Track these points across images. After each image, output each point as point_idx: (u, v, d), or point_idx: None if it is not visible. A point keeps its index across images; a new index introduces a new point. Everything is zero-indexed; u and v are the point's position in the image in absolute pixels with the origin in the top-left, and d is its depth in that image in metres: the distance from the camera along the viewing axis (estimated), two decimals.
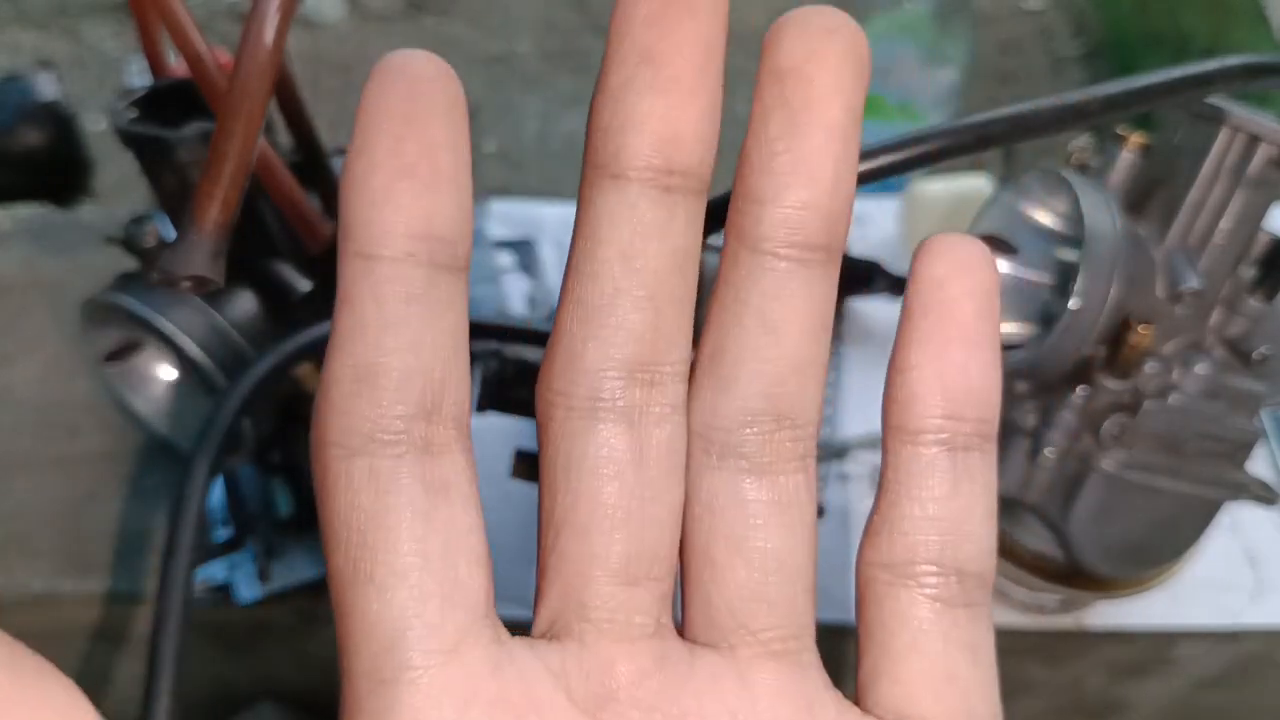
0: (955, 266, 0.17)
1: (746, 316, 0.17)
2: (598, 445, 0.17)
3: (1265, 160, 0.41)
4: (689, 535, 0.18)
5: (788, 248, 0.17)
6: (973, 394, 0.17)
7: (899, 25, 0.87)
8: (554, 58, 1.51)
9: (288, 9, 0.22)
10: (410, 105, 0.16)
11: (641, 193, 0.17)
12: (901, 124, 0.89)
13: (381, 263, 0.16)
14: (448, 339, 0.17)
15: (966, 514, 0.18)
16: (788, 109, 0.16)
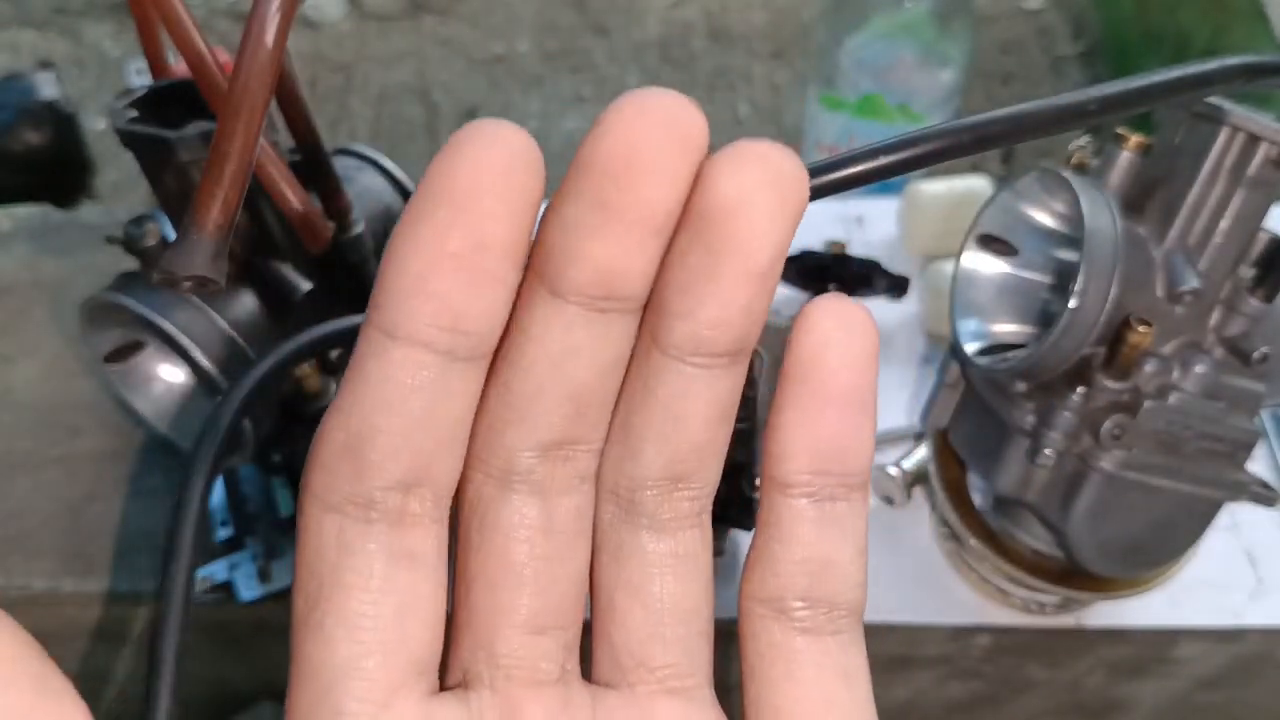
0: (833, 335, 0.18)
1: (653, 405, 0.18)
2: (510, 512, 0.18)
3: (1265, 160, 0.41)
4: (596, 584, 0.20)
5: (695, 356, 0.17)
6: (841, 453, 0.18)
7: (899, 25, 0.87)
8: (554, 58, 1.51)
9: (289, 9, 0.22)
10: (471, 187, 0.15)
11: (578, 314, 0.17)
12: (901, 124, 0.89)
13: (398, 345, 0.16)
14: (446, 426, 0.17)
15: (833, 555, 0.19)
16: (711, 251, 0.16)
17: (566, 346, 0.17)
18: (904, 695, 0.62)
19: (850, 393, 0.18)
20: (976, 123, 0.24)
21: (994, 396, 0.46)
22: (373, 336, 0.16)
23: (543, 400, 0.17)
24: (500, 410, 0.18)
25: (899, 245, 0.69)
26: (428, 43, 1.53)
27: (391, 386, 0.16)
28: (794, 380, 0.18)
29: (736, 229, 0.16)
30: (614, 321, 0.17)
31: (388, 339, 0.16)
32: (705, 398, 0.18)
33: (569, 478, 0.18)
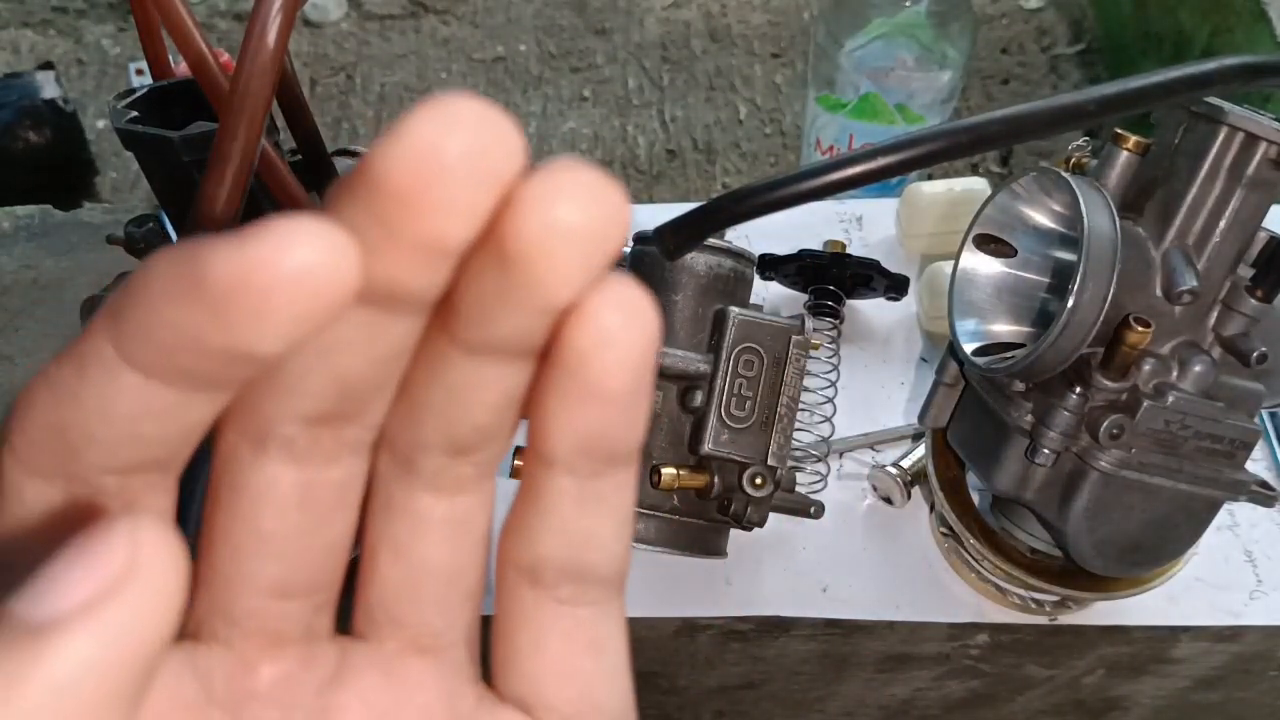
0: (615, 332, 0.16)
1: (438, 387, 0.17)
2: (262, 478, 0.17)
3: (1263, 160, 0.41)
4: (365, 531, 0.19)
5: (487, 354, 0.16)
6: (608, 439, 0.17)
7: (898, 26, 0.87)
8: (554, 58, 1.51)
9: (290, 10, 0.22)
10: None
11: (351, 310, 0.15)
12: (900, 124, 0.90)
13: (138, 363, 0.14)
14: (180, 435, 0.15)
15: (593, 530, 0.18)
16: (507, 280, 0.15)
17: (336, 340, 0.15)
18: (903, 693, 0.62)
19: (624, 393, 0.16)
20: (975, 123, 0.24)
21: (992, 396, 0.46)
22: (103, 346, 0.14)
23: (309, 381, 0.16)
24: (260, 384, 0.16)
25: (898, 245, 0.69)
26: (428, 43, 1.53)
27: (115, 406, 0.14)
28: (564, 368, 0.16)
29: (536, 270, 0.14)
30: (398, 320, 0.15)
31: (119, 360, 0.14)
32: (495, 389, 0.17)
33: (335, 448, 0.17)
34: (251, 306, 0.13)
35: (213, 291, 0.13)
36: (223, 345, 0.13)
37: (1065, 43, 1.52)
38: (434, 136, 0.13)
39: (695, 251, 0.48)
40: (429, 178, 0.13)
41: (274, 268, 0.13)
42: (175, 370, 0.14)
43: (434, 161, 0.13)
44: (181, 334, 0.13)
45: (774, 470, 0.47)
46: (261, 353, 0.13)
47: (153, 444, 0.15)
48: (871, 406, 0.62)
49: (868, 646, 0.57)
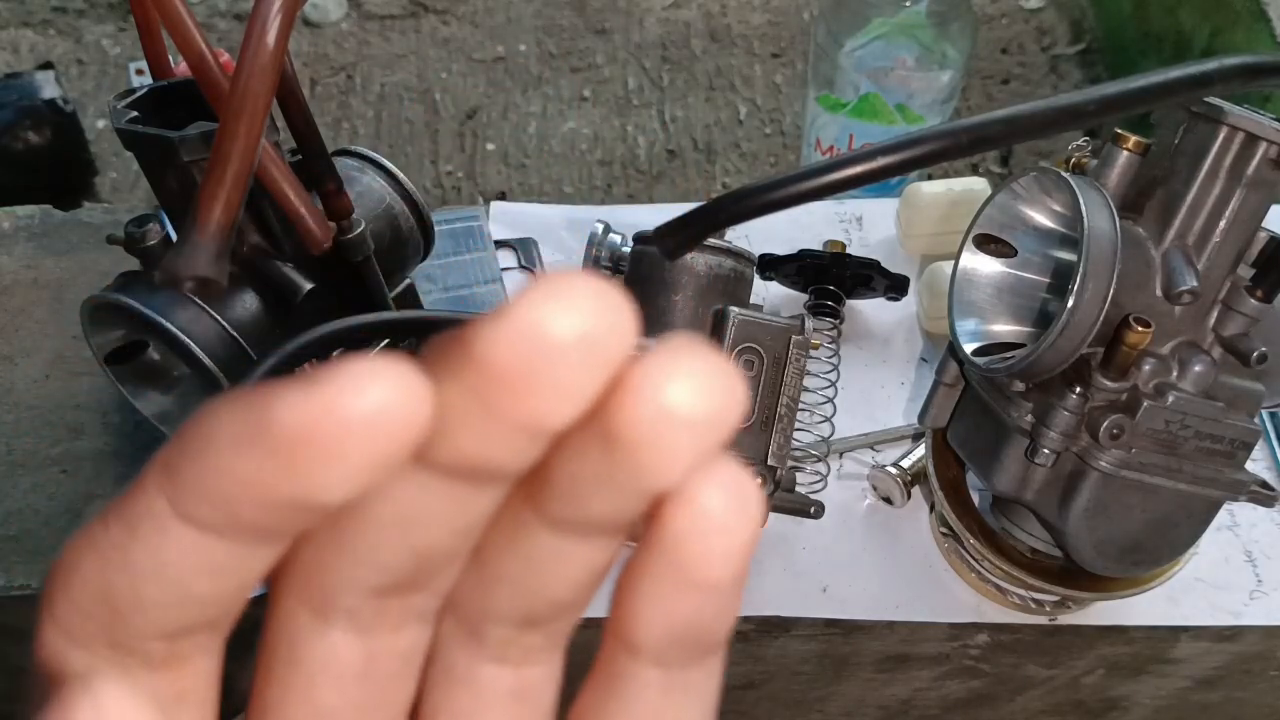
0: (721, 520, 0.15)
1: (517, 558, 0.16)
2: (324, 649, 0.16)
3: (1263, 160, 0.41)
4: (424, 696, 0.18)
5: (574, 533, 0.15)
6: (700, 629, 0.16)
7: (898, 26, 0.87)
8: (554, 58, 1.51)
9: (290, 10, 0.22)
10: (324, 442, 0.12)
11: (438, 483, 0.15)
12: (900, 125, 0.90)
13: (194, 519, 0.14)
14: (234, 593, 0.15)
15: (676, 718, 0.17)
16: (610, 462, 0.14)
17: (417, 512, 0.15)
18: (902, 693, 0.62)
19: (724, 584, 0.15)
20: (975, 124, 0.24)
21: (992, 396, 0.46)
22: (155, 501, 0.14)
23: (382, 552, 0.15)
24: (328, 550, 0.15)
25: (897, 245, 0.69)
26: (428, 43, 1.53)
27: (169, 565, 0.14)
28: (663, 553, 0.15)
29: (644, 458, 0.13)
30: (484, 493, 0.15)
31: (173, 516, 0.14)
32: (578, 564, 0.16)
33: (401, 617, 0.16)
34: (321, 453, 0.12)
35: (280, 438, 0.12)
36: (289, 495, 0.13)
37: (1065, 43, 1.52)
38: (544, 318, 0.12)
39: (695, 251, 0.48)
40: (536, 360, 0.13)
41: (345, 411, 0.12)
42: (235, 524, 0.13)
43: (542, 344, 0.12)
44: (245, 485, 0.13)
45: (774, 470, 0.47)
46: (329, 502, 0.13)
47: (205, 604, 0.14)
48: (871, 406, 0.62)
49: (868, 646, 0.57)
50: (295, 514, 0.13)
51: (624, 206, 0.72)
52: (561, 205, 0.72)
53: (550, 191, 1.36)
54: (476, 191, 1.35)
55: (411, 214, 0.53)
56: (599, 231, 0.65)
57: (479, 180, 1.37)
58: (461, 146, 1.40)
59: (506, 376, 0.13)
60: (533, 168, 1.39)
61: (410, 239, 0.53)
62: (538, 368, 0.13)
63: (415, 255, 0.54)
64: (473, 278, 0.67)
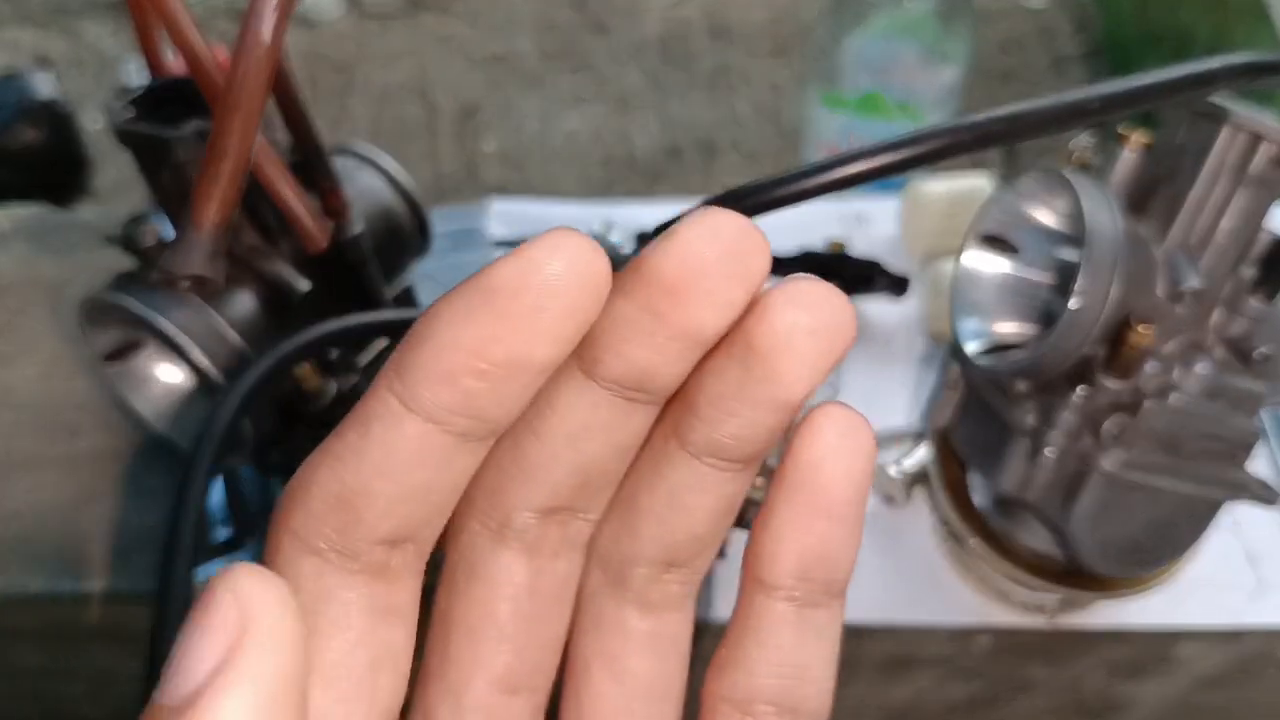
0: (837, 445, 0.17)
1: (661, 490, 0.18)
2: (500, 567, 0.18)
3: (1266, 159, 0.41)
4: (572, 650, 0.20)
5: (712, 458, 0.18)
6: (829, 562, 0.18)
7: (900, 24, 0.87)
8: (554, 58, 1.51)
9: (285, 7, 0.22)
10: (529, 301, 0.15)
11: (605, 397, 0.17)
12: (902, 123, 0.89)
13: (412, 418, 0.16)
14: (444, 494, 0.17)
15: (808, 663, 0.19)
16: (749, 376, 0.17)
17: (588, 424, 0.17)
18: (904, 696, 0.62)
19: (845, 506, 0.18)
20: (978, 121, 0.24)
21: (995, 396, 0.46)
22: (387, 399, 0.16)
23: (553, 469, 0.18)
24: (509, 469, 0.18)
25: (899, 244, 0.68)
26: (427, 42, 1.53)
27: (397, 455, 0.16)
28: (791, 485, 0.18)
29: (777, 365, 0.16)
30: (639, 409, 0.17)
31: (403, 408, 0.16)
32: (714, 494, 0.18)
33: (562, 542, 0.18)
34: (533, 307, 0.15)
35: (500, 298, 0.15)
36: (508, 354, 0.15)
37: (1068, 41, 1.51)
38: (703, 238, 0.15)
39: None
40: (697, 273, 0.15)
41: (549, 271, 0.15)
42: (456, 404, 0.15)
43: (701, 261, 0.15)
44: (469, 352, 0.15)
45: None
46: (539, 359, 0.15)
47: (424, 499, 0.17)
48: (872, 406, 0.61)
49: (869, 649, 0.56)
50: (510, 383, 0.15)
51: (624, 205, 0.72)
52: (561, 204, 0.72)
53: (550, 190, 1.36)
54: (476, 191, 1.35)
55: (410, 212, 0.53)
56: (599, 231, 0.65)
57: (478, 179, 1.37)
58: (461, 146, 1.40)
59: (673, 287, 0.15)
60: (532, 167, 1.38)
61: (408, 238, 0.53)
62: (698, 279, 0.15)
63: (413, 254, 0.54)
64: None
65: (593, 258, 0.15)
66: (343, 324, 0.40)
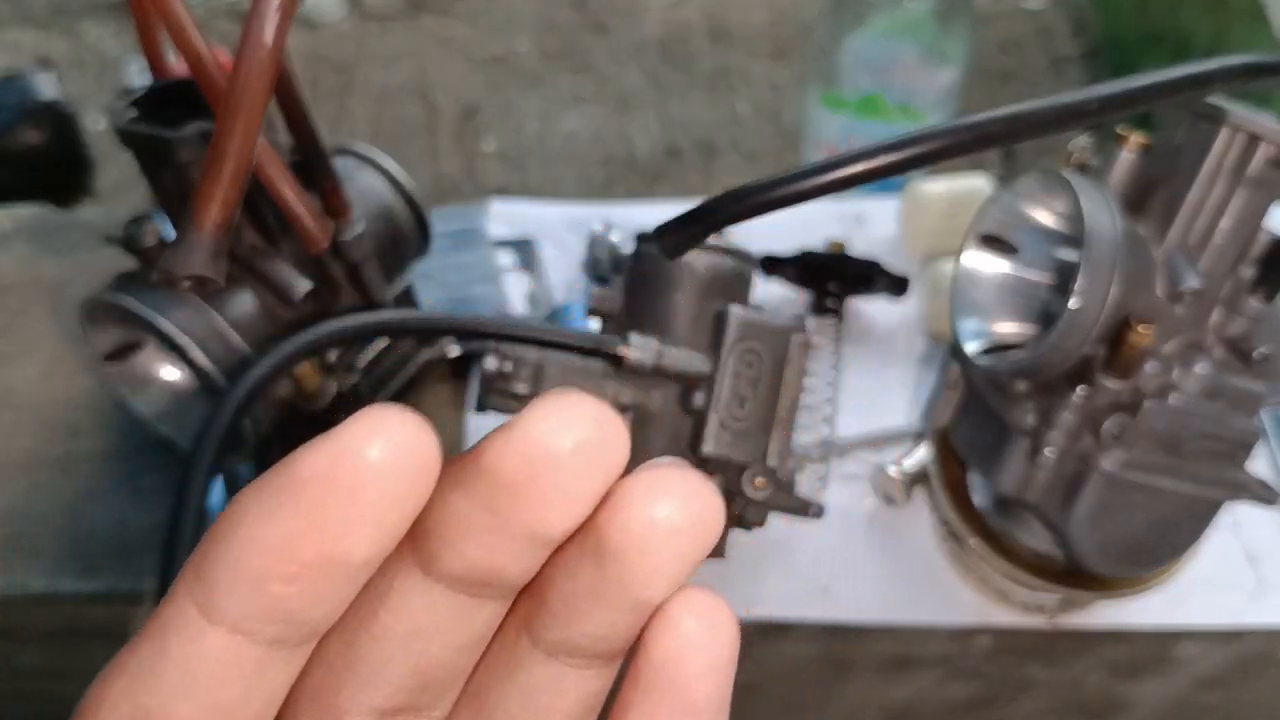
0: (695, 636, 0.16)
1: (513, 691, 0.17)
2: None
3: (1265, 160, 0.41)
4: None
5: (569, 657, 0.16)
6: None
7: (899, 25, 0.87)
8: (554, 58, 1.51)
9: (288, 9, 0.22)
10: (341, 491, 0.13)
11: (444, 595, 0.16)
12: (901, 123, 0.89)
13: (215, 631, 0.14)
14: (256, 709, 0.15)
15: None
16: (603, 576, 0.15)
17: (426, 625, 0.16)
18: (905, 695, 0.62)
19: (708, 704, 0.16)
20: (977, 122, 0.24)
21: (995, 396, 0.46)
22: (185, 608, 0.14)
23: (389, 670, 0.16)
24: (340, 669, 0.16)
25: (899, 244, 0.69)
26: (428, 43, 1.53)
27: (197, 673, 0.14)
28: (645, 685, 0.16)
29: (632, 565, 0.15)
30: (485, 604, 0.16)
31: (203, 619, 0.14)
32: (572, 694, 0.17)
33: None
34: (344, 500, 0.13)
35: (306, 490, 0.13)
36: (318, 553, 0.13)
37: (1067, 42, 1.51)
38: (550, 433, 0.14)
39: (696, 251, 0.48)
40: (543, 470, 0.14)
41: (362, 458, 0.13)
42: (263, 611, 0.14)
43: (548, 456, 0.14)
44: (275, 551, 0.13)
45: (774, 471, 0.47)
46: (355, 556, 0.14)
47: (233, 717, 0.15)
48: (872, 406, 0.61)
49: (869, 649, 0.56)
50: (324, 583, 0.14)
51: (624, 206, 0.72)
52: (561, 205, 0.72)
53: (550, 191, 1.36)
54: (476, 191, 1.35)
55: (410, 213, 0.53)
56: (599, 231, 0.65)
57: (478, 180, 1.37)
58: (461, 146, 1.40)
59: (514, 484, 0.14)
60: (532, 167, 1.38)
61: (408, 238, 0.53)
62: (543, 476, 0.14)
63: (413, 255, 0.54)
64: (472, 278, 0.67)
65: (417, 440, 0.13)
66: (343, 324, 0.40)
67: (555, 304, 0.66)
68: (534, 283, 0.67)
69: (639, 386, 0.47)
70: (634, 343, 0.46)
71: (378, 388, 0.52)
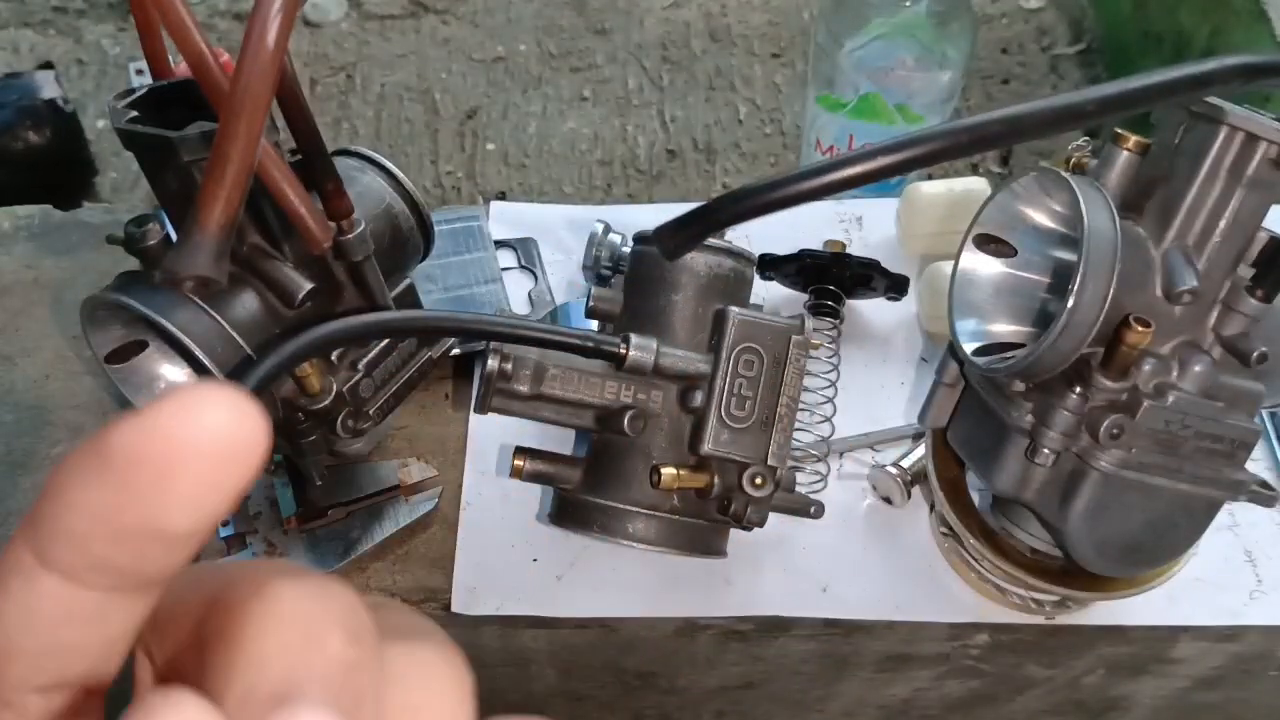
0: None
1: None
2: None
3: (1263, 160, 0.41)
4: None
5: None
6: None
7: (898, 26, 0.87)
8: (554, 58, 1.51)
9: (290, 10, 0.22)
10: (163, 466, 0.13)
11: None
12: (900, 125, 0.89)
13: (50, 575, 0.14)
14: (99, 647, 0.15)
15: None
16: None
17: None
18: (903, 693, 0.62)
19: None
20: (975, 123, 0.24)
21: (992, 396, 0.46)
22: (21, 555, 0.15)
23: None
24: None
25: (898, 245, 0.69)
26: (428, 43, 1.53)
27: (37, 615, 0.15)
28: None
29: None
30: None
31: (38, 566, 0.14)
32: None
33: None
34: (158, 476, 0.13)
35: (117, 465, 0.13)
36: (136, 523, 0.13)
37: (1065, 42, 1.52)
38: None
39: (695, 251, 0.48)
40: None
41: (173, 435, 0.13)
42: (93, 564, 0.14)
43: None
44: (95, 517, 0.14)
45: (774, 470, 0.47)
46: (173, 528, 0.13)
47: (76, 654, 0.15)
48: (871, 406, 0.62)
49: (868, 646, 0.57)
50: (148, 547, 0.14)
51: (624, 206, 0.72)
52: (561, 205, 0.72)
53: (550, 191, 1.36)
54: (476, 191, 1.35)
55: (411, 214, 0.53)
56: (599, 231, 0.65)
57: (479, 180, 1.37)
58: (461, 146, 1.40)
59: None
60: (533, 168, 1.38)
61: (410, 239, 0.53)
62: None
63: (415, 255, 0.54)
64: (473, 278, 0.67)
65: (231, 420, 0.13)
66: (345, 324, 0.40)
67: (555, 304, 0.66)
68: (534, 283, 0.67)
69: (639, 386, 0.48)
70: (634, 343, 0.46)
71: (379, 387, 0.52)
